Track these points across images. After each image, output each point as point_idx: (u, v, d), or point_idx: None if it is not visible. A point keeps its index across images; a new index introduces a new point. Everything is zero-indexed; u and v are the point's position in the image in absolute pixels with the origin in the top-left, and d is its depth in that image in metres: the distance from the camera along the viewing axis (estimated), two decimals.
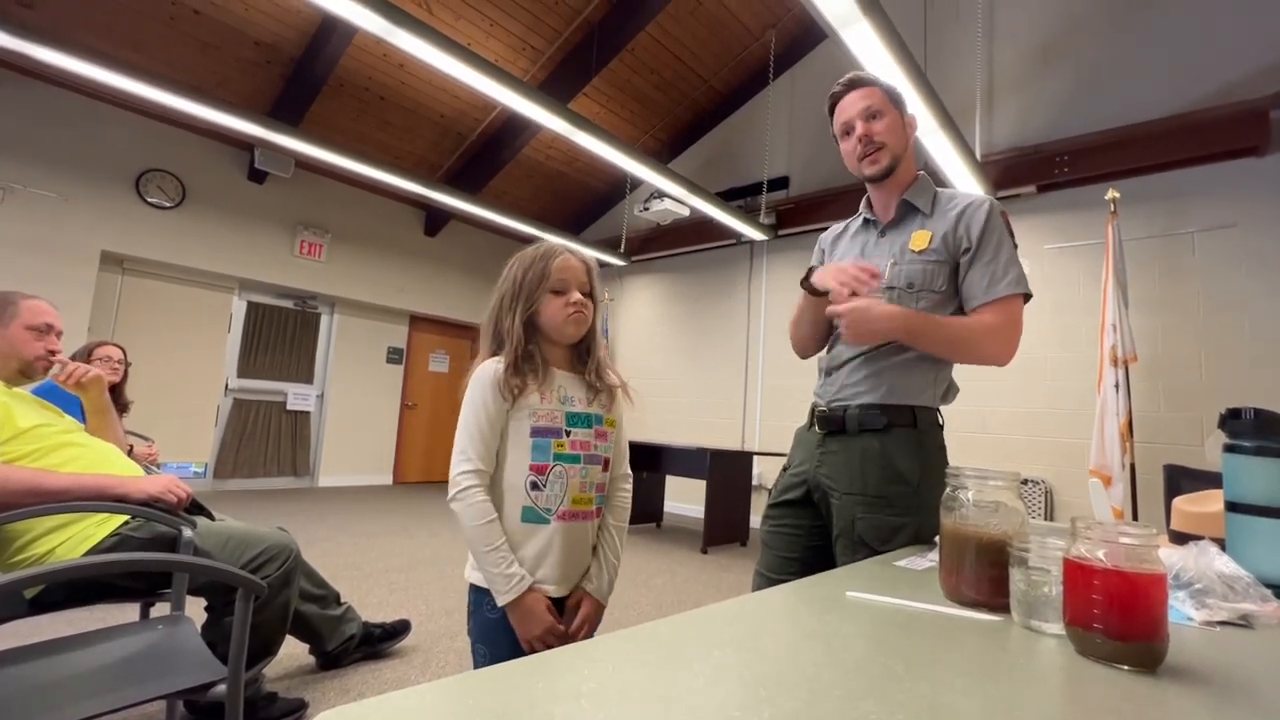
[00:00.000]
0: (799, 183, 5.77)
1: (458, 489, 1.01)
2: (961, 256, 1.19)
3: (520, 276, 1.11)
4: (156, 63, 4.66)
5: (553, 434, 1.06)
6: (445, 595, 2.98)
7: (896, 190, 1.27)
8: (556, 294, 1.10)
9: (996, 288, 1.16)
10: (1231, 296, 3.68)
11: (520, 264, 1.13)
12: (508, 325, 1.09)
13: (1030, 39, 4.52)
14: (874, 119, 1.23)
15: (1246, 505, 0.90)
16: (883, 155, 1.23)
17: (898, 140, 1.24)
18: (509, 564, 0.99)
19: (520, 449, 1.05)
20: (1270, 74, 3.61)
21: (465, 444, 1.03)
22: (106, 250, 5.01)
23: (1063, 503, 4.09)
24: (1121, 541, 0.55)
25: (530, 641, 0.99)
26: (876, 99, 1.23)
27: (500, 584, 0.98)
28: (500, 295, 1.12)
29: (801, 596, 0.73)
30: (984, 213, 1.19)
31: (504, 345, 1.09)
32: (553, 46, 5.27)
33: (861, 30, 2.66)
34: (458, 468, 1.02)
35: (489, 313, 1.13)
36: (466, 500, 1.00)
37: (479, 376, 1.06)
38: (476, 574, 1.05)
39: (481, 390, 1.05)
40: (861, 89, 1.25)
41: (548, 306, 1.10)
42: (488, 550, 0.99)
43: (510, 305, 1.10)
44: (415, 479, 7.26)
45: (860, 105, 1.24)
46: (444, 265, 7.26)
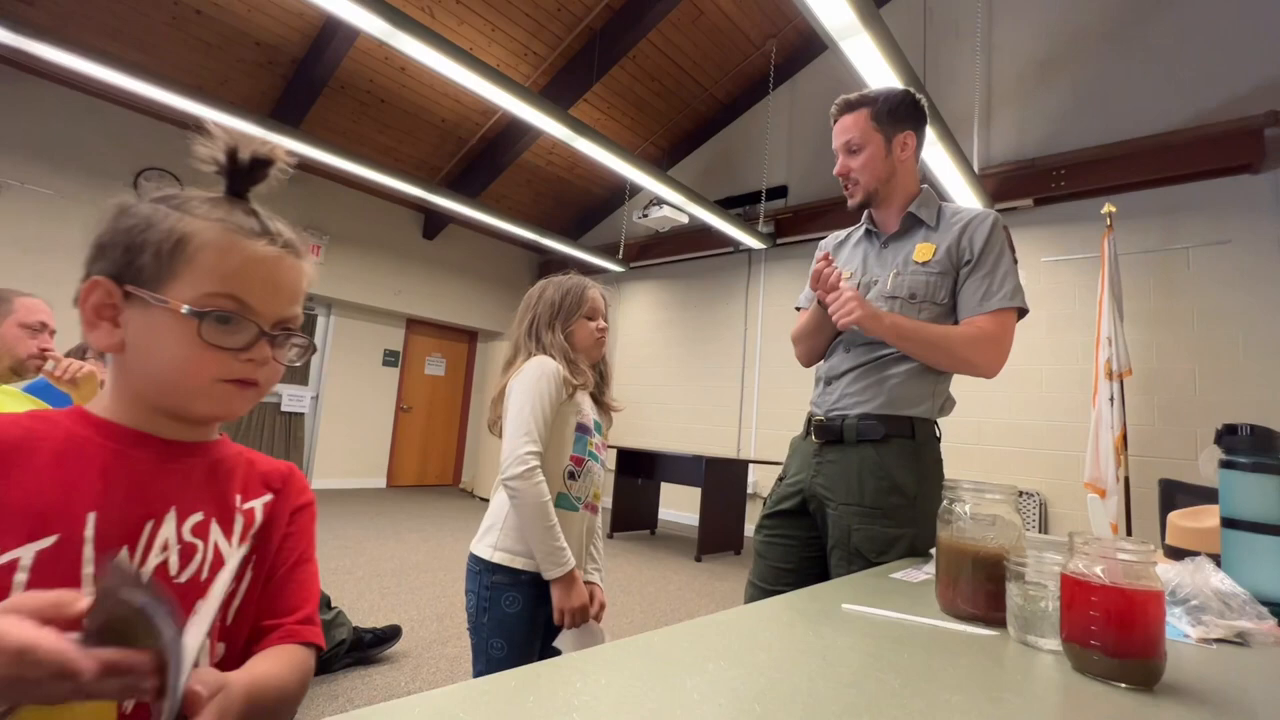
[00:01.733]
0: (797, 192, 5.79)
1: (525, 467, 1.07)
2: (963, 268, 1.20)
3: (560, 299, 1.24)
4: (157, 62, 4.66)
5: (589, 433, 1.21)
6: (437, 601, 2.96)
7: (898, 204, 1.27)
8: (589, 319, 1.26)
9: (990, 300, 1.17)
10: (1226, 312, 3.70)
11: (557, 289, 1.25)
12: (549, 338, 1.20)
13: (1028, 54, 4.56)
14: (852, 154, 1.25)
15: (1243, 522, 0.90)
16: (857, 190, 1.27)
17: (873, 175, 1.25)
18: (563, 540, 1.07)
19: (568, 440, 1.17)
20: (1265, 92, 3.65)
21: (530, 425, 1.10)
22: None
23: (1057, 515, 4.09)
24: (1120, 558, 0.55)
25: (568, 612, 1.06)
26: (858, 130, 1.24)
27: (557, 557, 1.06)
28: (536, 313, 1.24)
29: (796, 609, 0.73)
30: (987, 226, 1.20)
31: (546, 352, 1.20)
32: (554, 52, 5.29)
33: (861, 42, 2.68)
34: (524, 447, 1.08)
35: (524, 324, 1.24)
36: (534, 478, 1.07)
37: (542, 369, 1.14)
38: (504, 554, 1.09)
39: (548, 380, 1.13)
40: (849, 115, 1.26)
41: (581, 328, 1.25)
42: (548, 526, 1.06)
43: (550, 322, 1.22)
44: (409, 482, 7.22)
45: (842, 139, 1.26)
46: (442, 269, 7.25)
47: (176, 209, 0.52)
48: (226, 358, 0.52)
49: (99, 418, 0.53)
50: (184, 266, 0.51)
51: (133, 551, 0.49)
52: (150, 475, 0.52)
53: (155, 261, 0.51)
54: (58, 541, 0.46)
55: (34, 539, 0.45)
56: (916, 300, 1.20)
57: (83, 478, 0.49)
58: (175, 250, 0.51)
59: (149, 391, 0.53)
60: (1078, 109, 4.31)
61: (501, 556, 1.08)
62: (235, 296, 0.52)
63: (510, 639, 1.06)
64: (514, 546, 1.09)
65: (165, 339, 0.51)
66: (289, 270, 0.56)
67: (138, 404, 0.53)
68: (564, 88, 5.35)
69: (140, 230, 0.51)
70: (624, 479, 5.07)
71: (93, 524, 0.48)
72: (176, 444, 0.55)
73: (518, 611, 1.06)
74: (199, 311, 0.50)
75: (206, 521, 0.54)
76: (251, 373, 0.54)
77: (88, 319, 0.52)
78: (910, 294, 1.21)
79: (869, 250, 1.32)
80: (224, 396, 0.53)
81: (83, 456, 0.50)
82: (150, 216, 0.52)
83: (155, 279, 0.51)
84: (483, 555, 1.10)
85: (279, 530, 0.61)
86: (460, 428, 7.78)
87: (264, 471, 0.62)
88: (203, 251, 0.51)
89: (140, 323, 0.51)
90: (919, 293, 1.20)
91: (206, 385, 0.52)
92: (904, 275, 1.22)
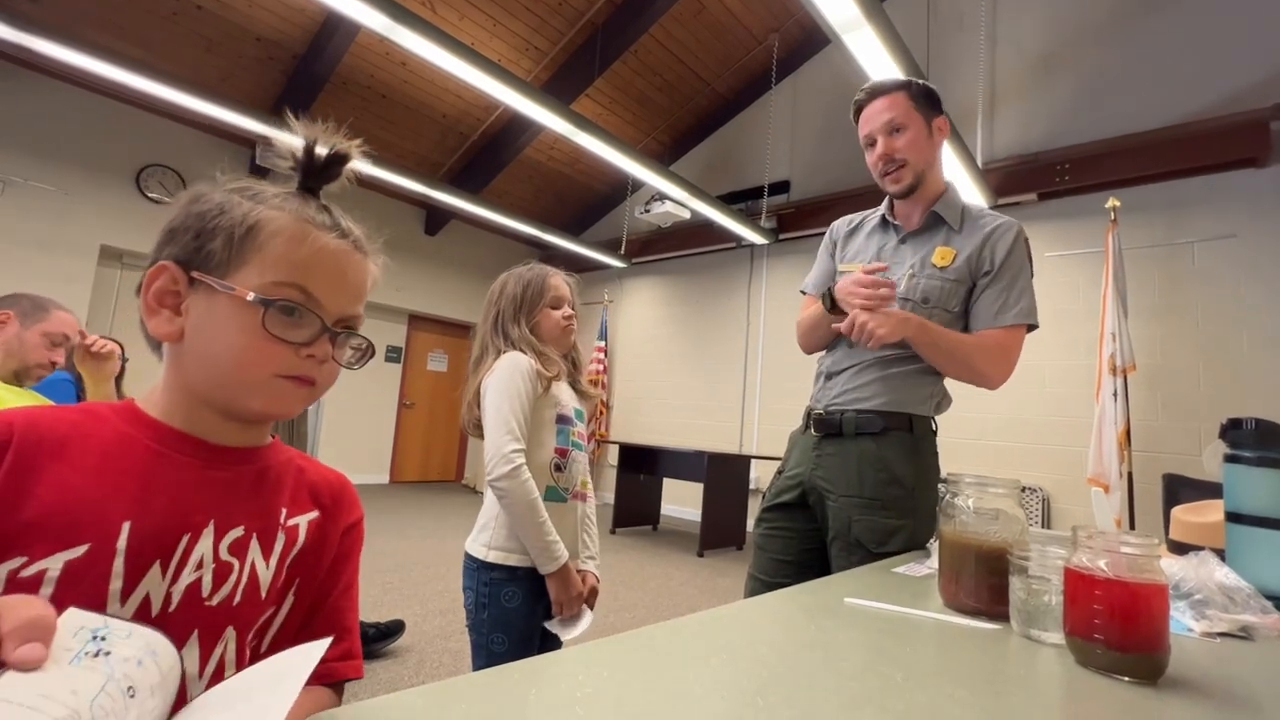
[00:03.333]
0: (800, 187, 5.77)
1: (511, 466, 1.07)
2: (981, 278, 1.18)
3: (521, 292, 1.22)
4: (159, 58, 4.65)
5: (570, 423, 1.20)
6: (440, 596, 2.97)
7: (924, 200, 1.24)
8: (553, 309, 1.24)
9: (1006, 315, 1.15)
10: (1230, 307, 3.68)
11: (517, 281, 1.23)
12: (516, 333, 1.19)
13: (1032, 48, 4.53)
14: (895, 133, 1.19)
15: (1247, 516, 0.89)
16: (905, 173, 1.19)
17: (921, 155, 1.19)
18: (554, 534, 1.08)
19: (549, 433, 1.17)
20: (1270, 85, 3.62)
21: (512, 424, 1.09)
22: (106, 245, 5.00)
23: (1060, 510, 4.08)
24: (1123, 551, 0.55)
25: (565, 603, 1.08)
26: (900, 109, 1.18)
27: (550, 552, 1.07)
28: (499, 308, 1.22)
29: (799, 603, 0.73)
30: (1010, 237, 1.17)
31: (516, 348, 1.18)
32: (556, 47, 5.27)
33: (864, 36, 2.66)
34: (508, 445, 1.07)
35: (488, 322, 1.22)
36: (520, 477, 1.07)
37: (514, 365, 1.13)
38: (499, 553, 1.09)
39: (521, 377, 1.12)
40: (885, 97, 1.19)
41: (546, 319, 1.23)
42: (540, 523, 1.07)
43: (514, 316, 1.20)
44: (412, 478, 7.24)
45: (883, 118, 1.18)
46: (444, 265, 7.26)
47: (251, 198, 0.52)
48: (288, 352, 0.50)
49: (149, 416, 0.51)
50: (254, 253, 0.50)
51: (164, 567, 0.46)
52: (193, 484, 0.50)
53: (225, 247, 0.50)
54: (89, 551, 0.43)
55: (65, 547, 0.42)
56: (929, 305, 1.18)
57: (123, 481, 0.47)
58: (247, 237, 0.50)
59: (203, 385, 0.51)
60: (1082, 103, 4.28)
61: (496, 555, 1.09)
62: (302, 287, 0.51)
63: (510, 633, 1.07)
64: (507, 544, 1.09)
65: (227, 327, 0.49)
66: (357, 267, 0.55)
67: (190, 400, 0.51)
68: (566, 83, 5.34)
69: (213, 216, 0.50)
70: (626, 474, 5.07)
71: (126, 534, 0.45)
72: (224, 449, 0.53)
73: (517, 606, 1.06)
74: (266, 300, 0.49)
75: (246, 538, 0.51)
76: (311, 369, 0.52)
77: (149, 305, 0.50)
78: (924, 298, 1.19)
79: (884, 242, 1.29)
80: (280, 393, 0.51)
81: (126, 458, 0.48)
82: (224, 203, 0.51)
83: (223, 266, 0.50)
84: (477, 555, 1.10)
85: (328, 551, 0.58)
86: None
87: (313, 482, 0.60)
88: (274, 239, 0.50)
89: (203, 310, 0.50)
90: (932, 297, 1.19)
91: (264, 380, 0.50)
92: (919, 278, 1.20)
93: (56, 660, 0.30)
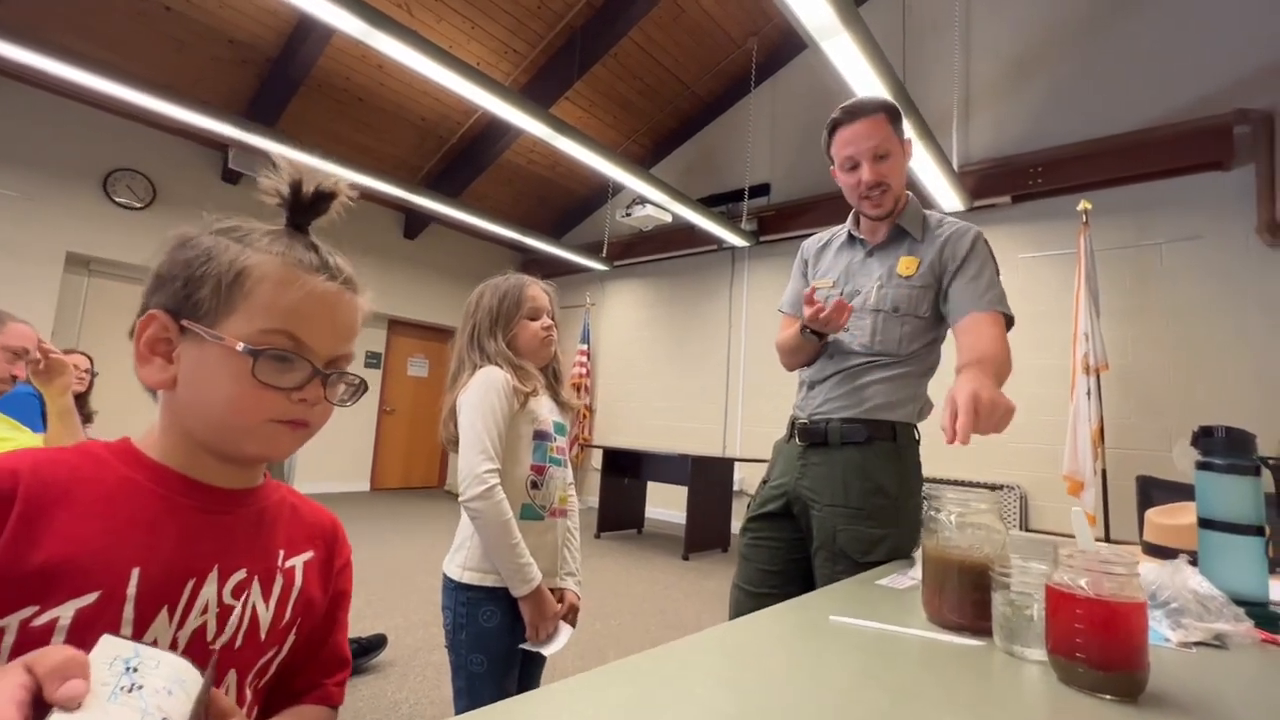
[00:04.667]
0: (780, 190, 5.81)
1: (485, 486, 1.04)
2: (945, 275, 1.20)
3: (497, 304, 1.18)
4: (127, 60, 4.53)
5: (547, 438, 1.17)
6: (423, 607, 2.93)
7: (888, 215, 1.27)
8: (531, 320, 1.20)
9: (986, 297, 1.16)
10: (1197, 306, 3.78)
11: (494, 292, 1.20)
12: (493, 347, 1.15)
13: (1005, 52, 4.62)
14: (882, 160, 1.19)
15: (1218, 522, 0.91)
16: (887, 199, 1.21)
17: (900, 178, 1.23)
18: (527, 557, 1.05)
19: (525, 450, 1.14)
20: (1234, 91, 3.72)
21: (485, 442, 1.06)
22: (72, 251, 4.86)
23: (1037, 508, 4.16)
24: (1104, 570, 0.55)
25: (540, 626, 1.06)
26: (883, 134, 1.18)
27: (523, 574, 1.04)
28: (475, 321, 1.19)
29: (785, 622, 0.72)
30: (969, 238, 1.21)
31: (492, 362, 1.15)
32: (535, 50, 5.24)
33: (842, 42, 2.69)
34: (482, 465, 1.05)
35: (464, 336, 1.19)
36: (494, 498, 1.04)
37: (489, 381, 1.11)
38: (474, 574, 1.07)
39: (496, 393, 1.10)
40: (867, 120, 1.18)
41: (524, 330, 1.20)
42: (512, 545, 1.04)
43: (491, 329, 1.17)
44: (393, 485, 7.14)
45: (869, 144, 1.18)
46: (424, 269, 7.18)
47: (238, 241, 0.52)
48: (279, 398, 0.51)
49: (150, 459, 0.51)
50: (241, 300, 0.50)
51: (172, 612, 0.47)
52: (197, 529, 0.50)
53: (214, 295, 0.50)
54: (99, 598, 0.43)
55: (76, 595, 0.42)
56: (900, 313, 1.21)
57: (130, 527, 0.47)
58: (234, 284, 0.50)
59: (199, 430, 0.51)
60: (1053, 107, 4.37)
61: (472, 576, 1.06)
62: (291, 334, 0.51)
63: (489, 653, 1.05)
64: (483, 565, 1.07)
65: (219, 375, 0.50)
66: (346, 307, 0.55)
67: (187, 444, 0.52)
68: (545, 86, 5.31)
69: (201, 263, 0.50)
70: (610, 478, 5.06)
71: (136, 580, 0.45)
72: (224, 493, 0.53)
73: (495, 625, 1.05)
74: (255, 350, 0.49)
75: (248, 580, 0.53)
76: (303, 413, 0.53)
77: (140, 354, 0.51)
78: (894, 307, 1.21)
79: (852, 258, 1.32)
80: (274, 437, 0.52)
81: (132, 503, 0.48)
82: (211, 249, 0.51)
83: (212, 314, 0.50)
84: (453, 575, 1.08)
85: (325, 592, 0.60)
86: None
87: (308, 523, 0.62)
88: (261, 285, 0.50)
89: (194, 358, 0.50)
90: (902, 306, 1.21)
91: (257, 425, 0.51)
92: (888, 289, 1.23)
93: (96, 696, 0.31)
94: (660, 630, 2.83)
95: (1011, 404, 0.93)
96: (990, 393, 0.91)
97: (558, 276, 7.68)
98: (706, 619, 3.04)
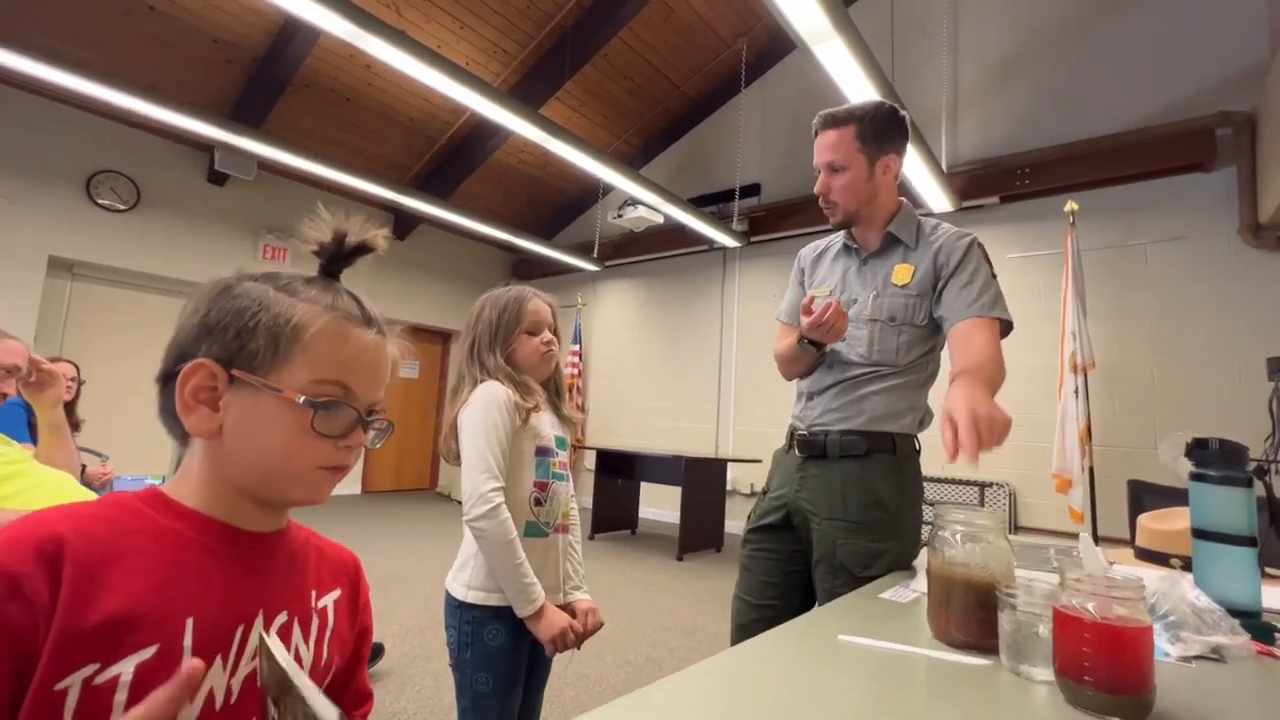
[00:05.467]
0: (771, 190, 5.82)
1: (489, 505, 1.03)
2: (940, 281, 1.20)
3: (496, 318, 1.17)
4: (109, 60, 4.46)
5: (550, 454, 1.16)
6: (419, 614, 2.92)
7: (877, 223, 1.27)
8: (530, 334, 1.18)
9: (978, 304, 1.16)
10: (1182, 306, 3.84)
11: (494, 306, 1.18)
12: (492, 362, 1.14)
13: (992, 54, 4.65)
14: (835, 173, 1.22)
15: (1213, 533, 0.93)
16: (835, 212, 1.25)
17: (853, 197, 1.22)
18: (532, 576, 1.04)
19: (527, 467, 1.13)
20: (1217, 93, 3.78)
21: (489, 461, 1.06)
22: (55, 255, 4.78)
23: (1026, 505, 4.22)
24: (1111, 594, 0.56)
25: (554, 641, 1.05)
26: (844, 149, 1.20)
27: (527, 594, 1.03)
28: (475, 335, 1.17)
29: (792, 644, 0.73)
30: (964, 244, 1.21)
31: (491, 377, 1.14)
32: (525, 50, 5.21)
33: (834, 46, 2.70)
34: (486, 485, 1.04)
35: (465, 349, 1.18)
36: (499, 517, 1.03)
37: (491, 397, 1.09)
38: (478, 593, 1.06)
39: (498, 410, 1.09)
40: (834, 131, 1.21)
41: (524, 346, 1.18)
42: (517, 564, 1.03)
43: (490, 344, 1.16)
44: (385, 487, 7.10)
45: (825, 156, 1.22)
46: (414, 270, 7.13)
47: (284, 290, 0.52)
48: (328, 445, 0.52)
49: (183, 506, 0.51)
50: (299, 353, 0.51)
51: (225, 659, 0.48)
52: (240, 576, 0.51)
53: (270, 346, 0.50)
54: (158, 652, 0.44)
55: (135, 650, 0.43)
56: (896, 323, 1.21)
57: (180, 579, 0.47)
58: (292, 336, 0.51)
59: (244, 478, 0.52)
60: (1041, 108, 4.41)
61: (477, 595, 1.06)
62: (343, 384, 0.53)
63: (495, 672, 1.04)
64: (488, 584, 1.06)
65: (273, 425, 0.50)
66: (386, 356, 0.58)
67: (227, 491, 0.52)
68: (535, 86, 5.29)
69: (253, 313, 0.50)
70: (604, 479, 5.06)
71: (191, 631, 0.46)
72: (259, 537, 0.54)
73: (501, 644, 1.04)
74: (314, 402, 0.50)
75: (290, 623, 0.54)
76: (346, 459, 0.54)
77: (184, 402, 0.50)
78: (890, 316, 1.22)
79: (848, 266, 1.32)
80: (318, 483, 0.53)
81: (178, 554, 0.48)
82: (262, 299, 0.51)
83: (266, 364, 0.50)
84: (457, 595, 1.07)
85: (353, 629, 0.63)
86: (435, 430, 7.67)
87: (333, 562, 0.63)
88: (318, 340, 0.51)
89: (244, 408, 0.50)
90: (898, 315, 1.21)
91: (307, 473, 0.52)
92: (883, 297, 1.23)
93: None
94: (656, 633, 2.83)
95: (1008, 417, 0.93)
96: (986, 408, 0.91)
97: (549, 276, 7.67)
98: (702, 620, 3.05)
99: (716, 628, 2.94)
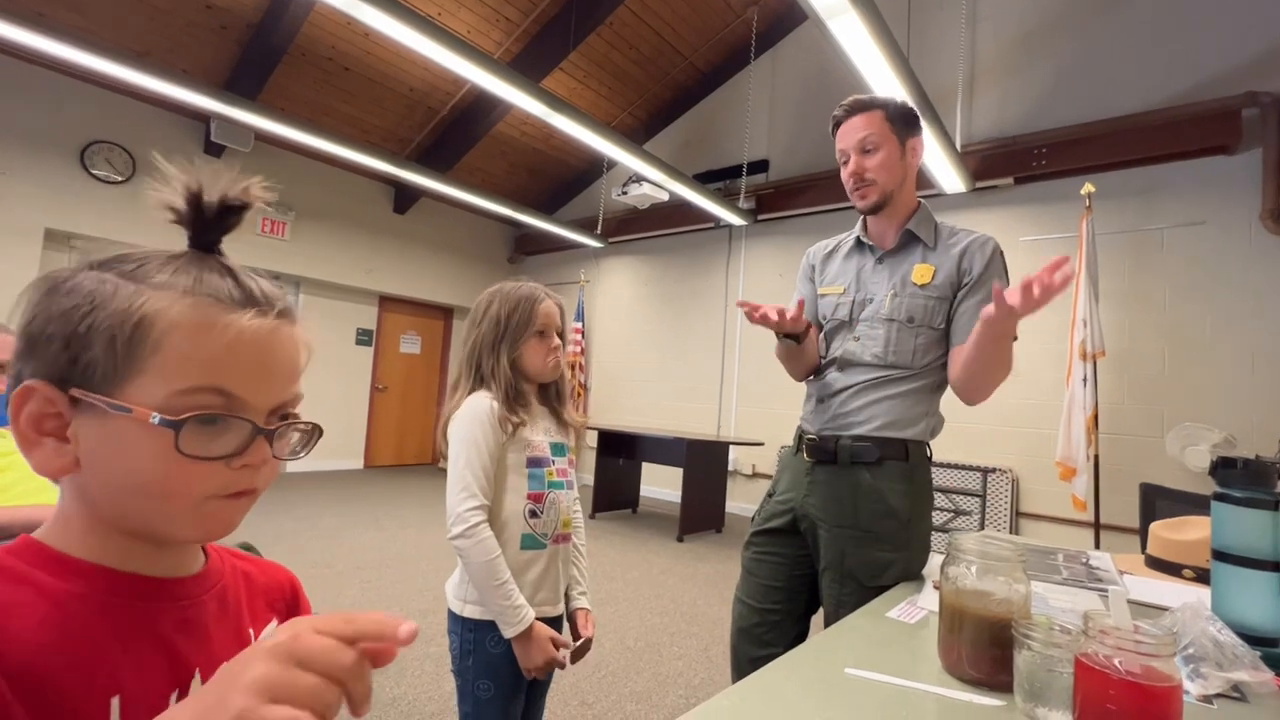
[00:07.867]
0: (779, 167, 5.69)
1: (467, 525, 1.01)
2: (960, 289, 1.17)
3: (505, 318, 1.12)
4: (99, 27, 4.33)
5: (544, 464, 1.11)
6: (421, 595, 2.94)
7: (897, 218, 1.23)
8: (539, 337, 1.13)
9: None
10: (1196, 293, 3.76)
11: (503, 304, 1.13)
12: (492, 365, 1.10)
13: (1012, 29, 4.49)
14: (868, 153, 1.19)
15: (1234, 555, 0.90)
16: (871, 191, 1.20)
17: (890, 176, 1.19)
18: (516, 597, 1.02)
19: (519, 479, 1.09)
20: (1244, 73, 3.64)
21: (469, 480, 1.03)
22: (51, 228, 4.72)
23: (1028, 491, 4.20)
24: (1140, 652, 0.53)
25: (535, 670, 1.02)
26: (875, 128, 1.18)
27: (510, 616, 1.00)
28: (481, 333, 1.13)
29: (799, 678, 0.70)
30: (988, 251, 1.17)
31: (486, 382, 1.10)
32: (528, 19, 5.05)
33: (849, 21, 2.59)
34: (464, 504, 1.02)
35: (468, 347, 1.14)
36: (477, 537, 1.01)
37: (474, 413, 1.06)
38: (474, 608, 1.04)
39: (481, 426, 1.05)
40: (862, 115, 1.19)
41: (531, 349, 1.13)
42: (498, 585, 1.00)
43: (494, 346, 1.11)
44: (387, 462, 7.14)
45: (857, 136, 1.19)
46: (415, 244, 7.04)
47: (130, 278, 0.40)
48: (215, 469, 0.41)
49: (79, 560, 0.40)
50: (149, 356, 0.39)
51: None
52: (166, 632, 0.43)
53: (109, 355, 0.38)
54: None
55: None
56: (914, 324, 1.17)
57: (94, 652, 0.38)
58: (135, 337, 0.39)
59: (120, 519, 0.41)
60: (1060, 86, 4.27)
61: (474, 610, 1.04)
62: (220, 389, 0.40)
63: (497, 679, 1.03)
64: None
65: (132, 455, 0.39)
66: (284, 343, 0.44)
67: (114, 535, 0.42)
68: (538, 56, 5.14)
69: (83, 313, 0.39)
70: (606, 459, 5.07)
71: (118, 711, 0.38)
72: (177, 583, 0.45)
73: (503, 652, 1.02)
74: (173, 421, 0.38)
75: None
76: (248, 481, 0.43)
77: (24, 436, 0.39)
78: (909, 317, 1.18)
79: (863, 264, 1.27)
80: (214, 515, 0.42)
81: (83, 622, 0.39)
82: (95, 293, 0.39)
83: (110, 378, 0.39)
84: (455, 610, 1.06)
85: None
86: (437, 405, 7.67)
87: (264, 587, 0.54)
88: (172, 335, 0.39)
89: (96, 435, 0.39)
90: (917, 316, 1.17)
91: (193, 506, 0.41)
92: (902, 297, 1.19)
93: None
94: (655, 617, 2.85)
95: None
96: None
97: (551, 252, 7.57)
98: (702, 604, 3.07)
99: (716, 613, 2.95)
